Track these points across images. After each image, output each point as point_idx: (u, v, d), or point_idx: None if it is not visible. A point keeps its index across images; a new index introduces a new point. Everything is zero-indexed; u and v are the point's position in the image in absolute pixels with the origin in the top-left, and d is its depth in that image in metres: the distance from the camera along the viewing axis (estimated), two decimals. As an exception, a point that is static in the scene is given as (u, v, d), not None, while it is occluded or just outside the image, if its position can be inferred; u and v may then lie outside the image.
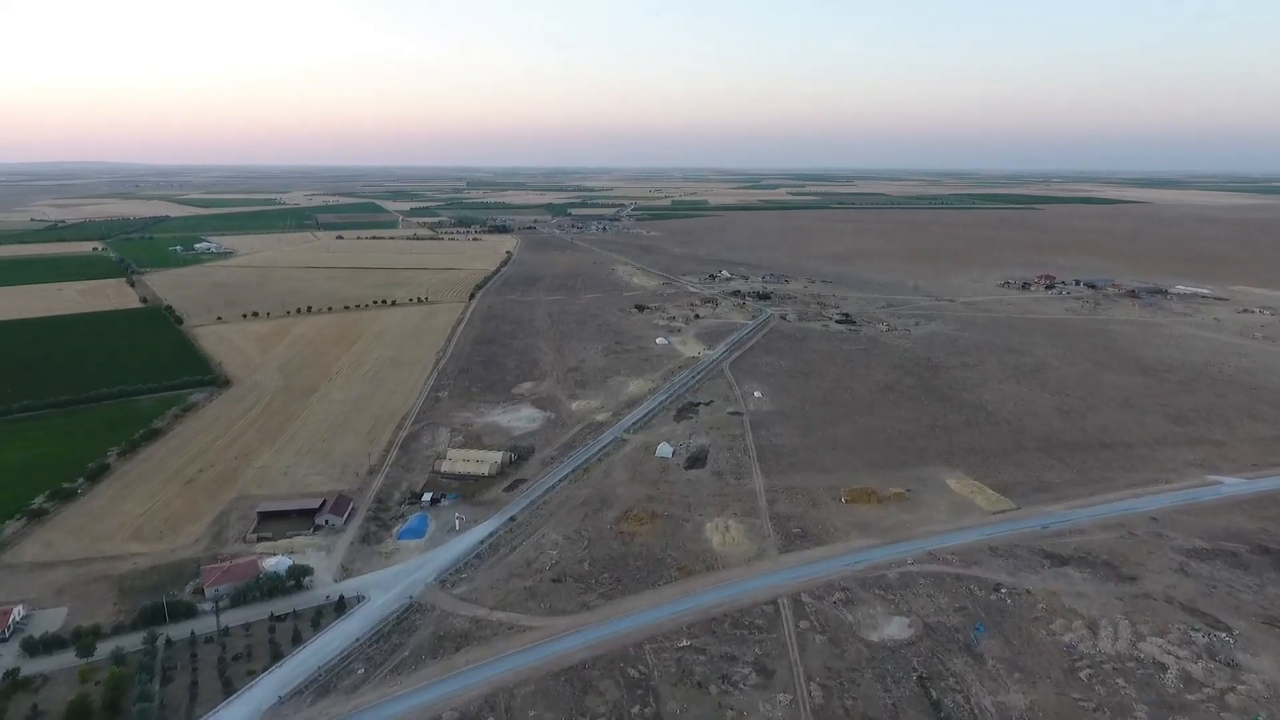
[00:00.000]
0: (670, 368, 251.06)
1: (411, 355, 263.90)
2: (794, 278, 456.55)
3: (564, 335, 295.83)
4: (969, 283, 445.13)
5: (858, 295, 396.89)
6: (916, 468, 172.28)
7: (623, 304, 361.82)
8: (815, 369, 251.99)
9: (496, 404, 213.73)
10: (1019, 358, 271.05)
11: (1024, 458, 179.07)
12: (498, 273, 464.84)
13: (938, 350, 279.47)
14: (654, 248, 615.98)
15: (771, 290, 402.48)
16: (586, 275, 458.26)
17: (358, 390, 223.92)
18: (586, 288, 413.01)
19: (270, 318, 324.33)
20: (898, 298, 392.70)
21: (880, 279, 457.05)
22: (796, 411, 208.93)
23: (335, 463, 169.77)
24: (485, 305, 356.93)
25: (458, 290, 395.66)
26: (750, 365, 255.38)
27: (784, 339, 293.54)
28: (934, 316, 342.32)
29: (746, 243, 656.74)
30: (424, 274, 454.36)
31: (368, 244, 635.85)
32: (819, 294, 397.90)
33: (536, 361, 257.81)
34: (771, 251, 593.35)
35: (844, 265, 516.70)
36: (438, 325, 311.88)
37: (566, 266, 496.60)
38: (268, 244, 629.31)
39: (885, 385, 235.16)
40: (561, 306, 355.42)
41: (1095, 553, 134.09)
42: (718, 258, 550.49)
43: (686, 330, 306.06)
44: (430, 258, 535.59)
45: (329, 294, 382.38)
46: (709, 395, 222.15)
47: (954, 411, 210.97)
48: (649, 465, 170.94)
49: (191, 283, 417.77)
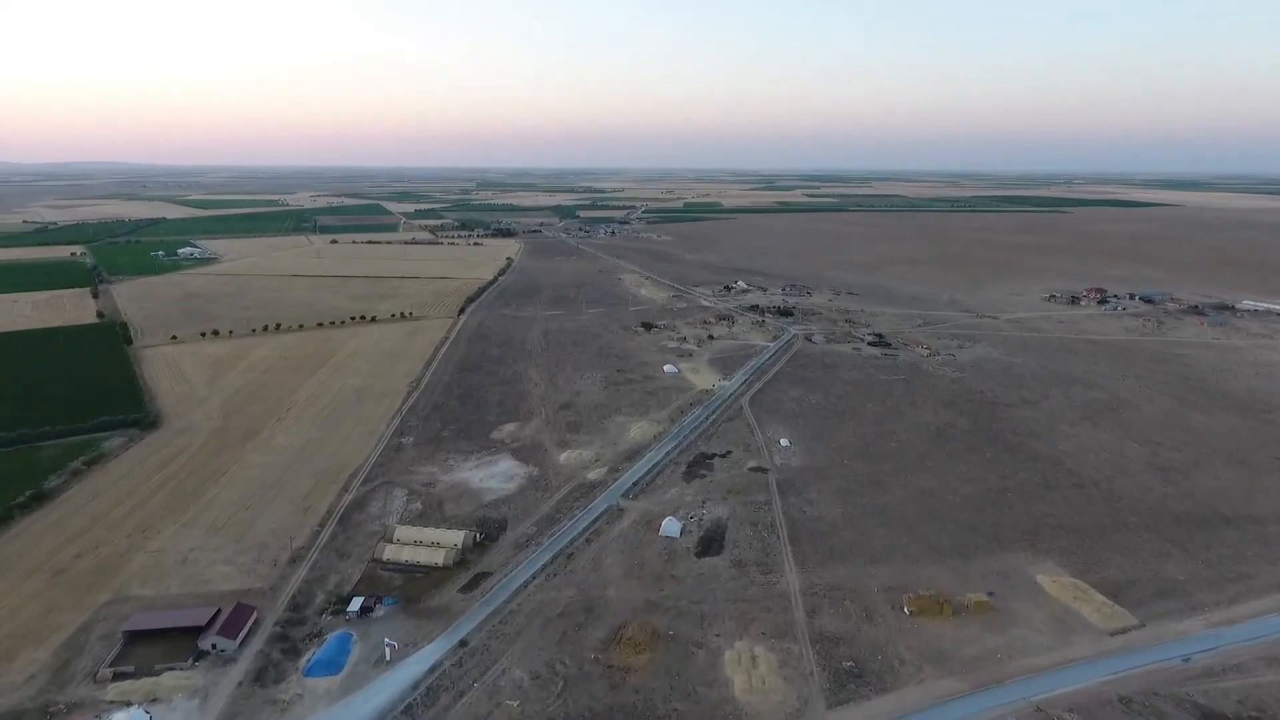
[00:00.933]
0: (680, 404, 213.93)
1: (381, 386, 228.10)
2: (816, 289, 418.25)
3: (559, 360, 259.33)
4: (1010, 296, 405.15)
5: (889, 311, 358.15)
6: (994, 554, 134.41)
7: (628, 321, 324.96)
8: (850, 406, 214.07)
9: (470, 454, 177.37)
10: (1087, 391, 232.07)
11: (1128, 539, 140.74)
12: (494, 282, 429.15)
13: (991, 381, 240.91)
14: (664, 254, 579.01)
15: (793, 305, 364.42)
16: (590, 286, 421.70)
17: (307, 433, 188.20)
18: (589, 301, 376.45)
19: (233, 336, 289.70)
20: (934, 314, 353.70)
21: (911, 291, 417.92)
22: (833, 467, 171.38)
23: (252, 544, 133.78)
24: (475, 322, 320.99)
25: (447, 303, 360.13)
26: (774, 401, 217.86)
27: (811, 366, 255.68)
28: (978, 337, 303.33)
29: (763, 248, 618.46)
30: (414, 284, 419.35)
31: (362, 249, 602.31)
32: (846, 309, 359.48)
33: (524, 395, 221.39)
34: (790, 259, 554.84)
35: (870, 274, 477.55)
36: (418, 347, 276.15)
37: (569, 275, 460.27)
38: (258, 248, 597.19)
39: (936, 429, 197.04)
40: (560, 324, 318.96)
41: (1272, 709, 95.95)
42: (733, 266, 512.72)
43: (699, 354, 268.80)
44: (425, 264, 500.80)
45: (306, 306, 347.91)
46: (726, 443, 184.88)
47: (1025, 467, 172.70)
48: (650, 550, 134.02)
49: (161, 293, 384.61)
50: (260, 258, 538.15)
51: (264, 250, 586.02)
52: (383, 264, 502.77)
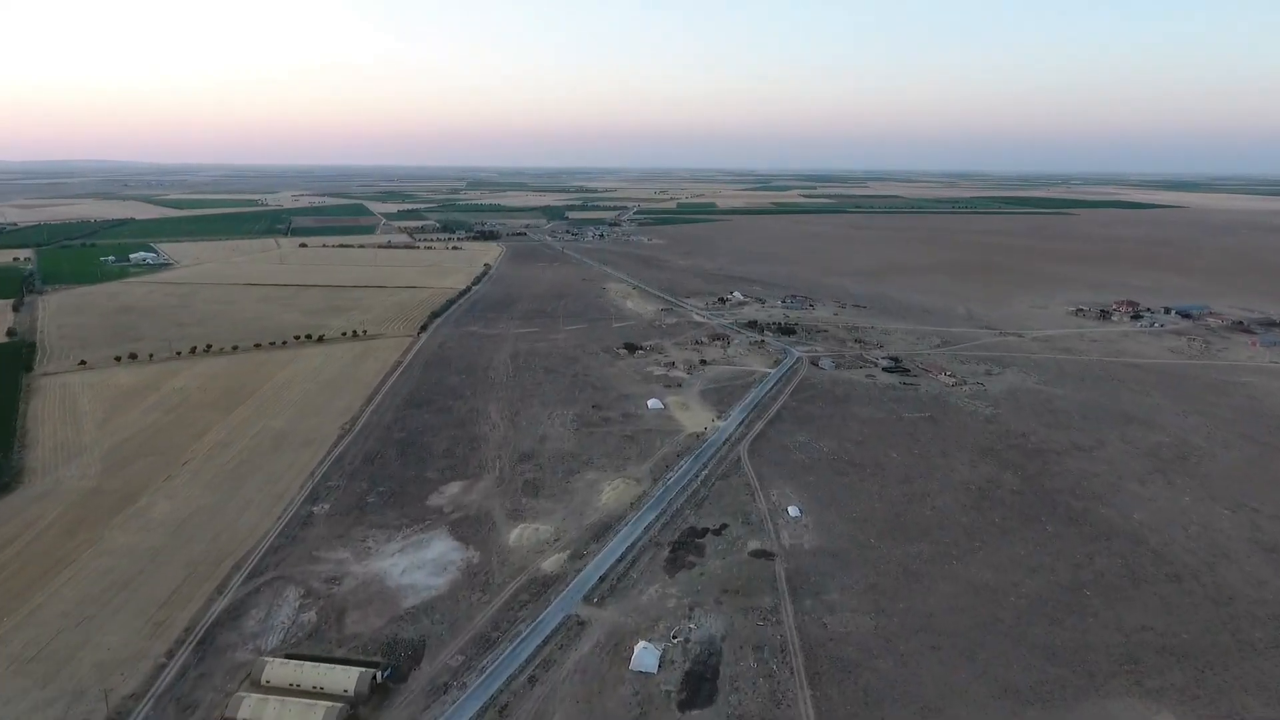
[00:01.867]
0: (665, 453, 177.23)
1: (308, 428, 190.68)
2: (819, 300, 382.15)
3: (526, 393, 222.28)
4: (1032, 309, 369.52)
5: (901, 327, 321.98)
6: (1089, 700, 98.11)
7: (610, 340, 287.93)
8: (870, 456, 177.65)
9: (397, 530, 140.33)
10: (1147, 433, 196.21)
11: (1262, 670, 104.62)
12: (467, 293, 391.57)
13: (1032, 419, 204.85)
14: (654, 259, 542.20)
15: (795, 320, 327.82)
16: (572, 297, 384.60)
17: (198, 499, 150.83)
18: (569, 315, 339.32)
19: (153, 360, 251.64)
20: (952, 330, 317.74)
21: (922, 302, 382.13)
22: (857, 548, 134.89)
23: (63, 691, 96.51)
24: (436, 342, 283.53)
25: (410, 318, 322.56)
26: (778, 448, 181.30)
27: (819, 400, 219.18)
28: (1006, 361, 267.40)
29: (760, 253, 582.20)
30: (378, 295, 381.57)
31: (332, 253, 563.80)
32: (854, 325, 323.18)
33: (478, 441, 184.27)
34: (790, 265, 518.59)
35: (876, 283, 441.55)
36: (364, 374, 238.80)
37: (550, 285, 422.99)
38: (221, 253, 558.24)
39: (978, 489, 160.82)
40: (532, 344, 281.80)
41: None
42: (728, 273, 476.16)
43: (689, 384, 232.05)
44: (395, 271, 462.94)
45: (250, 323, 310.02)
46: (720, 512, 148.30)
47: (1100, 547, 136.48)
48: (617, 696, 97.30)
49: (93, 306, 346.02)
50: (218, 264, 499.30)
51: (226, 255, 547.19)
52: (349, 271, 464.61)
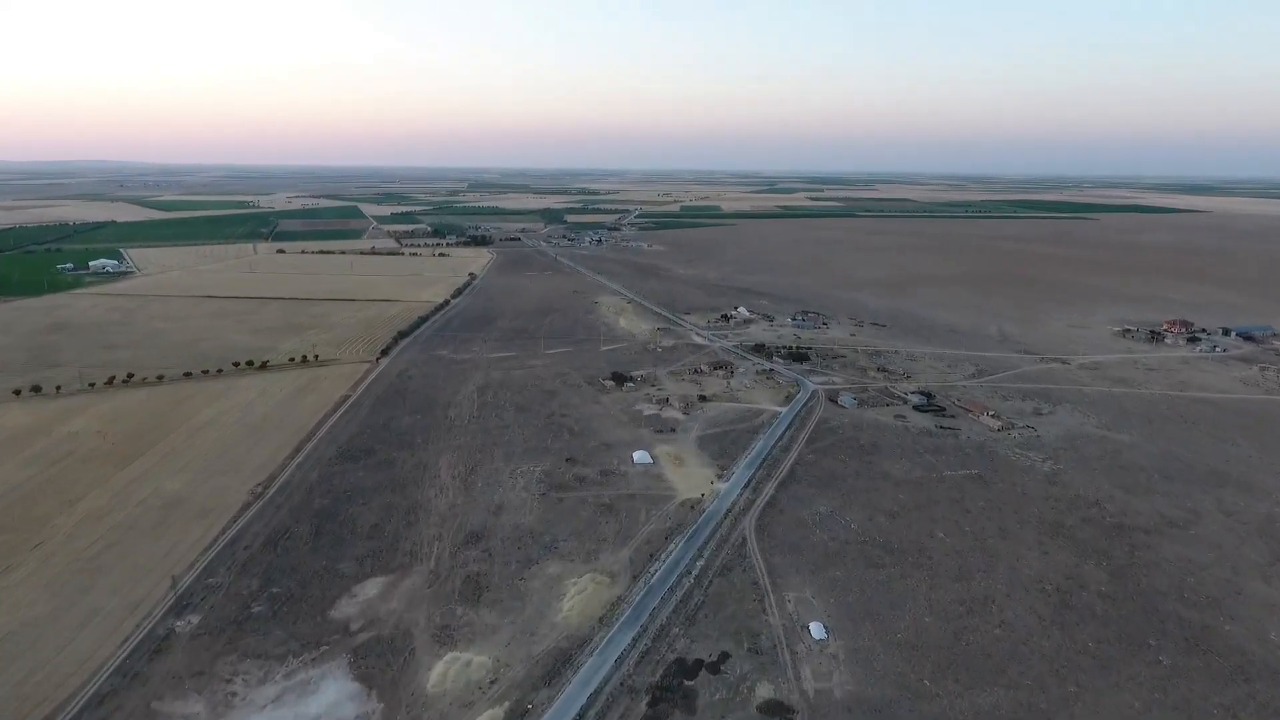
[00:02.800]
0: (651, 531, 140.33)
1: (208, 493, 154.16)
2: (834, 316, 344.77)
3: (489, 439, 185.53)
4: (1071, 329, 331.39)
5: (928, 351, 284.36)
6: None
7: (596, 368, 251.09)
8: (911, 535, 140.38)
9: (280, 661, 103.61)
10: (1249, 500, 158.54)
11: None
12: (444, 307, 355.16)
13: (1100, 478, 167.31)
14: (653, 268, 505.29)
15: (808, 343, 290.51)
16: (559, 313, 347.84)
17: (32, 605, 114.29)
18: (553, 335, 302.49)
19: (60, 394, 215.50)
20: (985, 355, 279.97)
21: (948, 320, 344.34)
22: (909, 700, 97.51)
23: None
24: (397, 369, 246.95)
25: (373, 339, 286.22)
26: (793, 523, 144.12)
27: (842, 451, 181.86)
28: (1055, 396, 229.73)
29: (767, 261, 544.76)
30: (346, 309, 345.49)
31: (309, 260, 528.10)
32: (873, 348, 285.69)
33: (417, 512, 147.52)
34: (799, 275, 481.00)
35: (895, 297, 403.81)
36: (301, 414, 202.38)
37: (536, 298, 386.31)
38: (191, 259, 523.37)
39: (1057, 590, 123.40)
40: (506, 373, 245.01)
41: None
42: (732, 284, 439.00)
43: (685, 428, 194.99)
44: (370, 282, 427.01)
45: (191, 344, 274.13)
46: (719, 631, 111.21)
47: (1241, 697, 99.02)
48: None
49: (22, 323, 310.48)
50: (183, 272, 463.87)
51: (196, 261, 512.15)
52: (320, 281, 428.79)
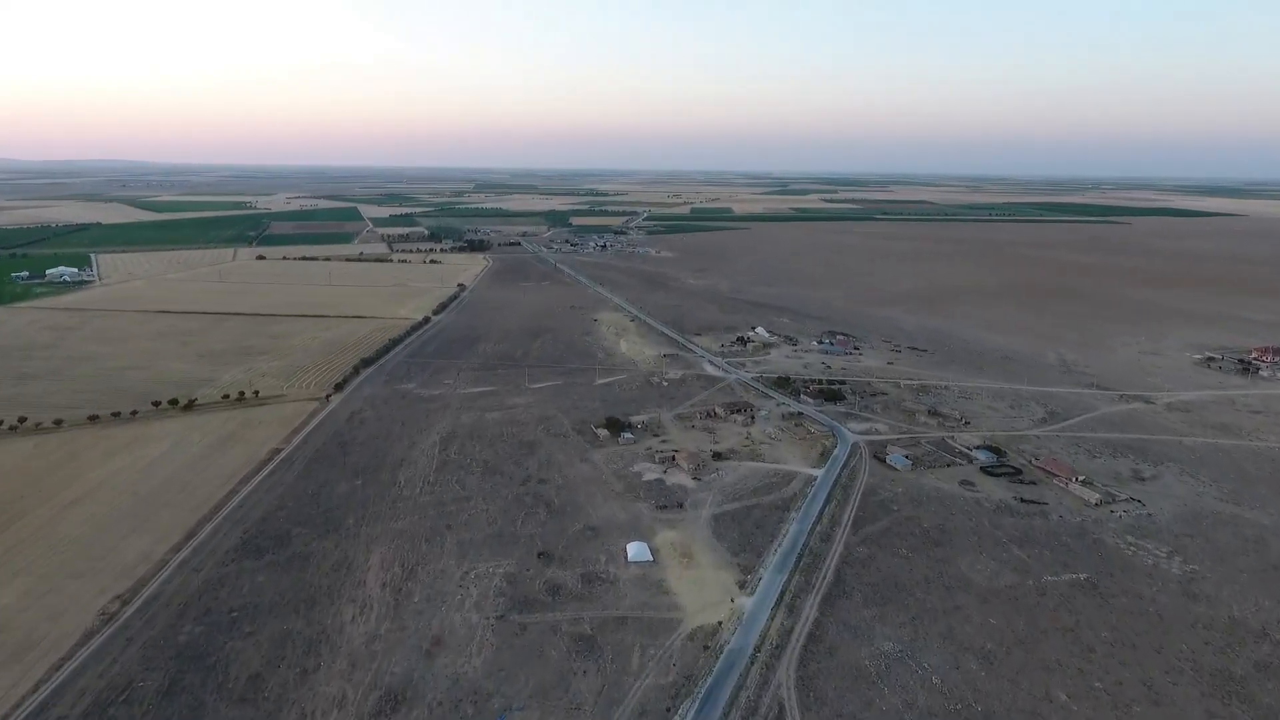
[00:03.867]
0: (645, 688, 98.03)
1: (44, 610, 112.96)
2: (865, 339, 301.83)
3: (441, 520, 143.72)
4: (1143, 356, 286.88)
5: (982, 385, 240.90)
6: None
7: (588, 410, 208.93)
8: (1019, 699, 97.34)
9: None
10: None
11: None
12: (423, 326, 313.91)
13: (1256, 590, 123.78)
14: (661, 278, 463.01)
15: (840, 374, 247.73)
16: (552, 334, 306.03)
17: None
18: (542, 362, 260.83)
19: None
20: (1051, 391, 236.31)
21: (999, 345, 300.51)
22: None
23: None
24: (348, 411, 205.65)
25: (331, 367, 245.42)
26: (849, 677, 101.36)
27: (901, 540, 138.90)
28: (1151, 450, 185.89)
29: (785, 270, 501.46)
30: (311, 328, 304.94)
31: (290, 267, 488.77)
32: (918, 380, 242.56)
33: (320, 650, 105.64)
34: (822, 287, 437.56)
35: (932, 314, 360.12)
36: (212, 478, 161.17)
37: (529, 314, 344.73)
38: (163, 266, 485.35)
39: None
40: (480, 415, 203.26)
41: None
42: (748, 297, 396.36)
43: (695, 502, 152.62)
44: (348, 294, 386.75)
45: (117, 373, 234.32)
46: None
47: None
48: None
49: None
50: (147, 282, 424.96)
51: (166, 269, 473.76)
52: (293, 292, 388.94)
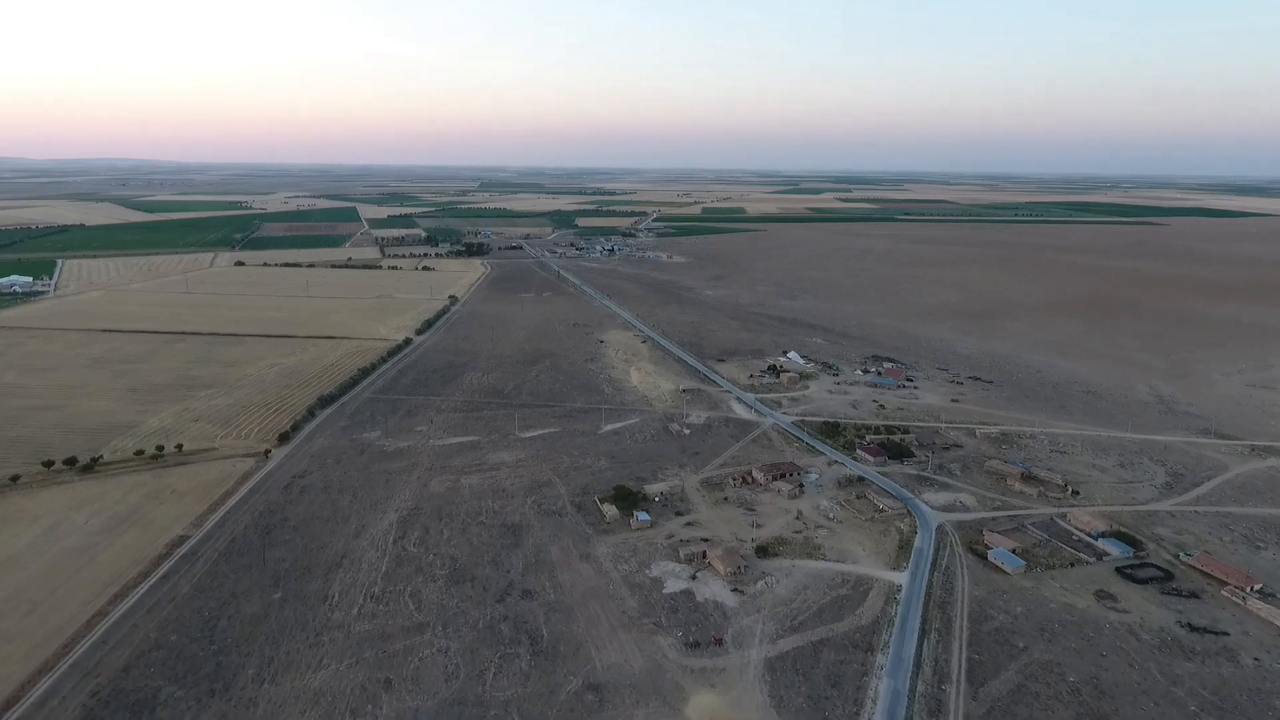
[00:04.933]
0: None
1: None
2: (916, 366, 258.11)
3: (380, 662, 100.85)
4: (1252, 391, 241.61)
5: (1075, 431, 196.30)
6: None
7: (592, 471, 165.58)
8: None
9: None
10: None
11: None
12: (402, 351, 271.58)
13: None
14: (674, 288, 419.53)
15: (899, 418, 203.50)
16: (551, 361, 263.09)
17: None
18: (538, 400, 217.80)
19: None
20: (1160, 440, 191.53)
21: (1074, 373, 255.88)
22: None
23: None
24: (288, 475, 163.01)
25: (284, 407, 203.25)
26: None
27: (1039, 699, 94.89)
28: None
29: (811, 279, 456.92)
30: (270, 352, 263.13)
31: (268, 275, 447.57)
32: (993, 423, 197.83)
33: None
34: (854, 299, 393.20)
35: (986, 333, 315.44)
36: (74, 594, 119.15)
37: (526, 335, 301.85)
38: (131, 273, 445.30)
39: None
40: (455, 481, 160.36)
41: None
42: (773, 312, 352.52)
43: (739, 633, 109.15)
44: (325, 307, 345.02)
45: (24, 416, 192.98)
46: None
47: None
48: None
49: None
50: (107, 293, 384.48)
51: (135, 277, 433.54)
52: (263, 306, 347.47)
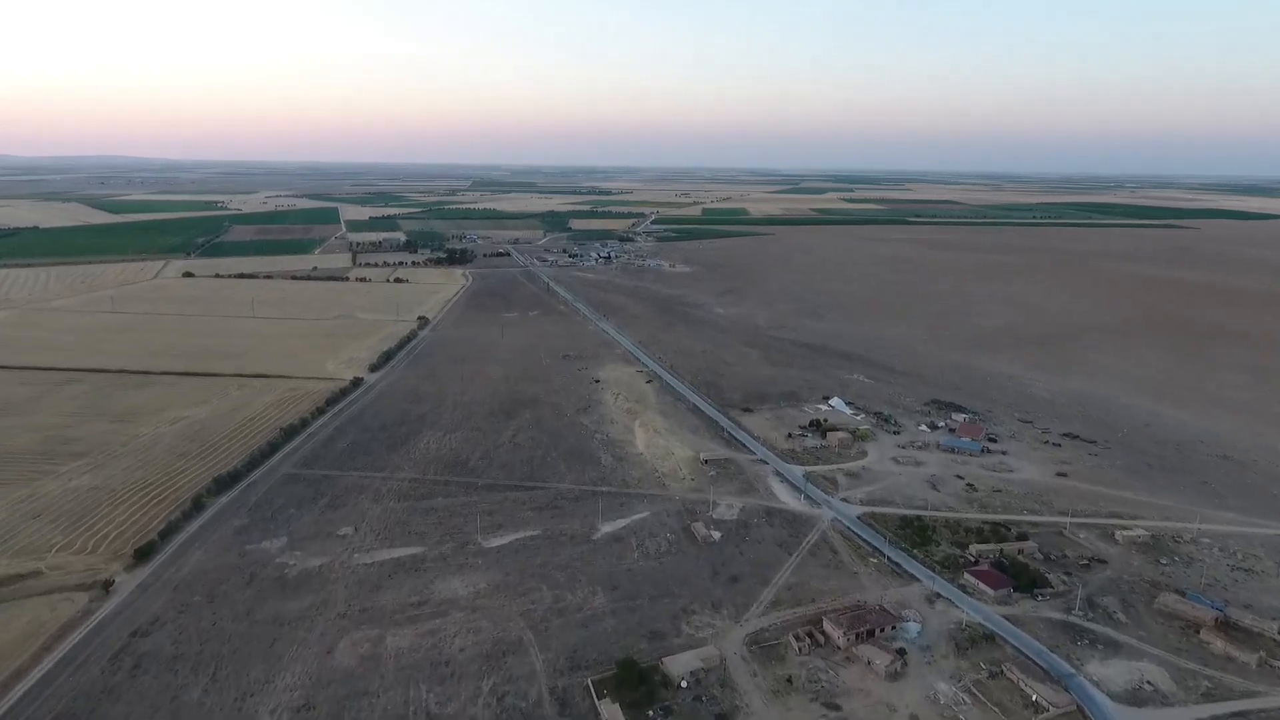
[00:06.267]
0: None
1: None
2: (991, 415, 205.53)
3: None
4: None
5: (1252, 530, 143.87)
6: None
7: (581, 618, 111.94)
8: None
9: None
10: None
11: None
12: (347, 396, 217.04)
13: None
14: (680, 304, 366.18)
15: (1002, 510, 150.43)
16: (532, 412, 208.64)
17: None
18: (511, 480, 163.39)
19: None
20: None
21: (1195, 425, 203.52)
22: None
23: None
24: (126, 628, 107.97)
25: (162, 494, 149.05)
26: None
27: None
28: None
29: (832, 293, 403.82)
30: (182, 397, 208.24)
31: (216, 289, 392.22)
32: (1136, 518, 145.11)
33: None
34: (889, 319, 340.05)
35: (1062, 368, 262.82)
36: None
37: (504, 373, 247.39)
38: (61, 286, 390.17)
39: None
40: (378, 640, 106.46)
41: None
42: (799, 336, 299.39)
43: None
44: (268, 331, 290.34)
45: None
46: None
47: None
48: None
49: None
50: (19, 313, 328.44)
51: (63, 292, 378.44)
52: (198, 330, 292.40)
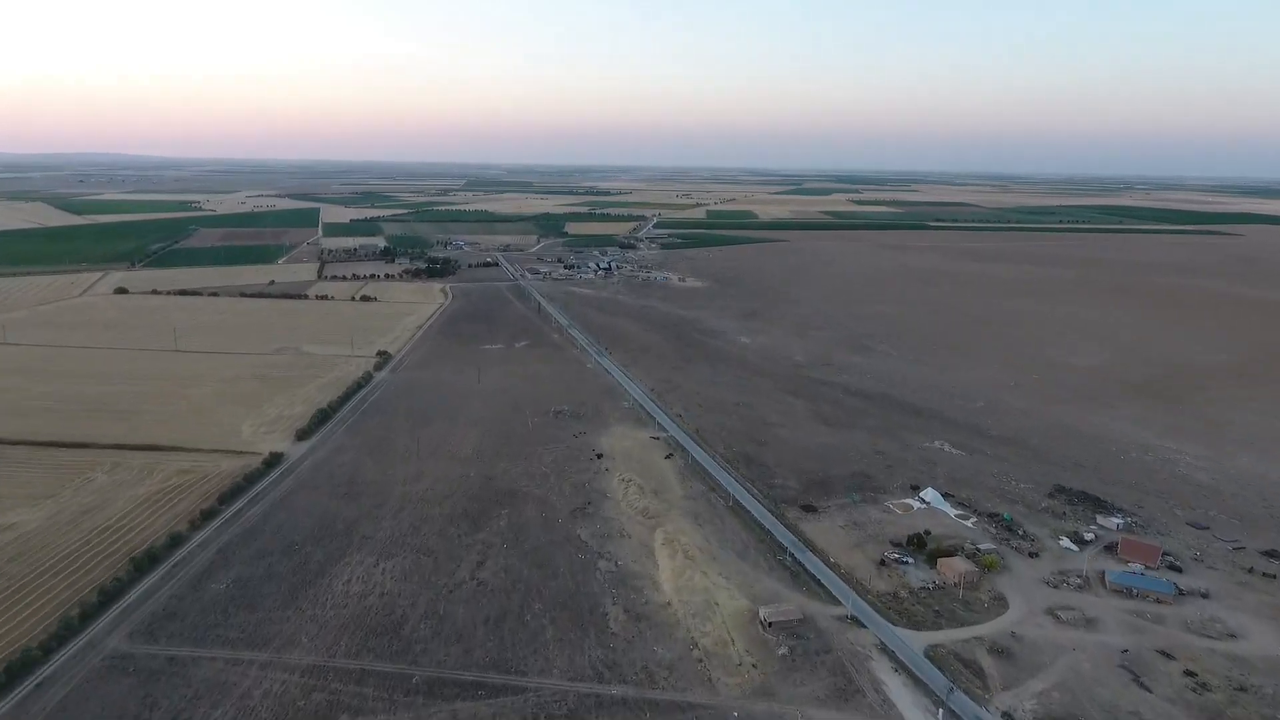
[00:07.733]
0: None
1: None
2: (1148, 516, 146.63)
3: None
4: None
5: None
6: None
7: None
8: None
9: None
10: None
11: None
12: (253, 485, 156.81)
13: None
14: (697, 332, 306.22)
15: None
16: (509, 519, 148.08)
17: None
18: (466, 674, 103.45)
19: None
20: None
21: None
22: None
23: None
24: None
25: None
26: None
27: None
28: None
29: (875, 318, 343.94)
30: (28, 485, 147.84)
31: (147, 309, 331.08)
32: None
33: None
34: (957, 356, 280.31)
35: (1205, 433, 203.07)
36: None
37: (474, 445, 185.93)
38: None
39: None
40: None
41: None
42: (851, 381, 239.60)
43: None
44: (187, 371, 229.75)
45: None
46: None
47: None
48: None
49: None
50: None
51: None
52: (96, 371, 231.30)
